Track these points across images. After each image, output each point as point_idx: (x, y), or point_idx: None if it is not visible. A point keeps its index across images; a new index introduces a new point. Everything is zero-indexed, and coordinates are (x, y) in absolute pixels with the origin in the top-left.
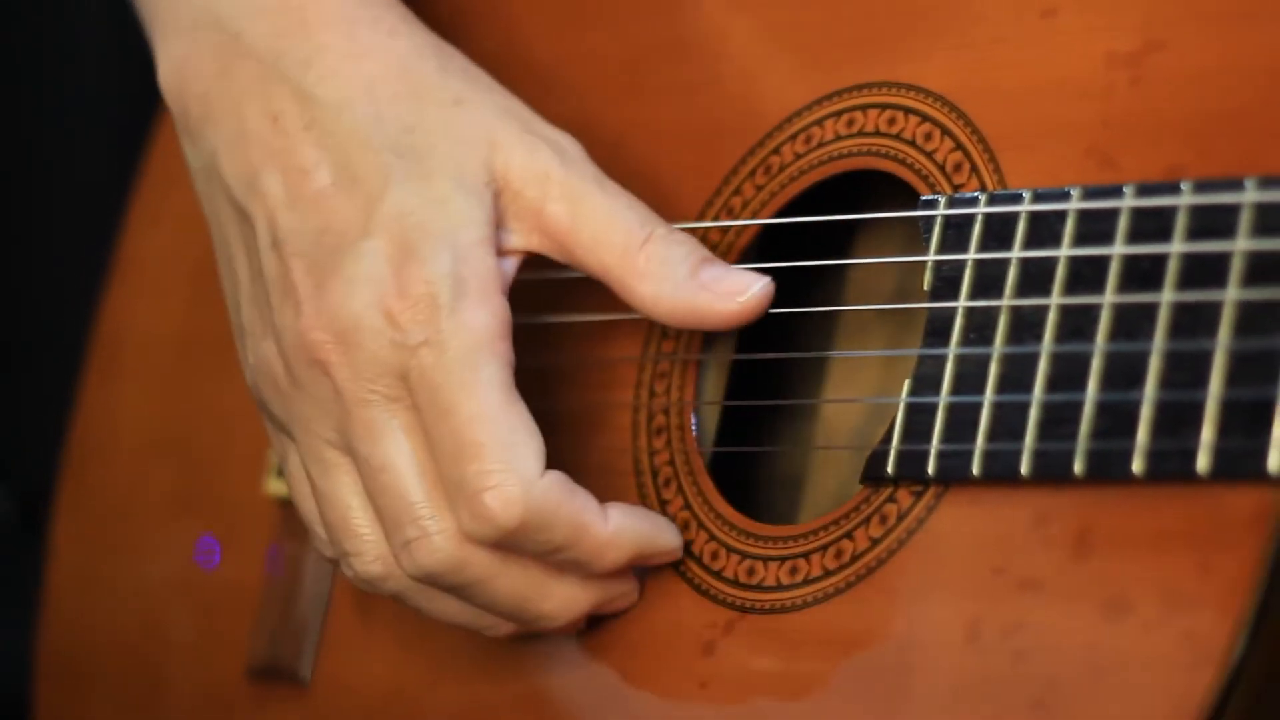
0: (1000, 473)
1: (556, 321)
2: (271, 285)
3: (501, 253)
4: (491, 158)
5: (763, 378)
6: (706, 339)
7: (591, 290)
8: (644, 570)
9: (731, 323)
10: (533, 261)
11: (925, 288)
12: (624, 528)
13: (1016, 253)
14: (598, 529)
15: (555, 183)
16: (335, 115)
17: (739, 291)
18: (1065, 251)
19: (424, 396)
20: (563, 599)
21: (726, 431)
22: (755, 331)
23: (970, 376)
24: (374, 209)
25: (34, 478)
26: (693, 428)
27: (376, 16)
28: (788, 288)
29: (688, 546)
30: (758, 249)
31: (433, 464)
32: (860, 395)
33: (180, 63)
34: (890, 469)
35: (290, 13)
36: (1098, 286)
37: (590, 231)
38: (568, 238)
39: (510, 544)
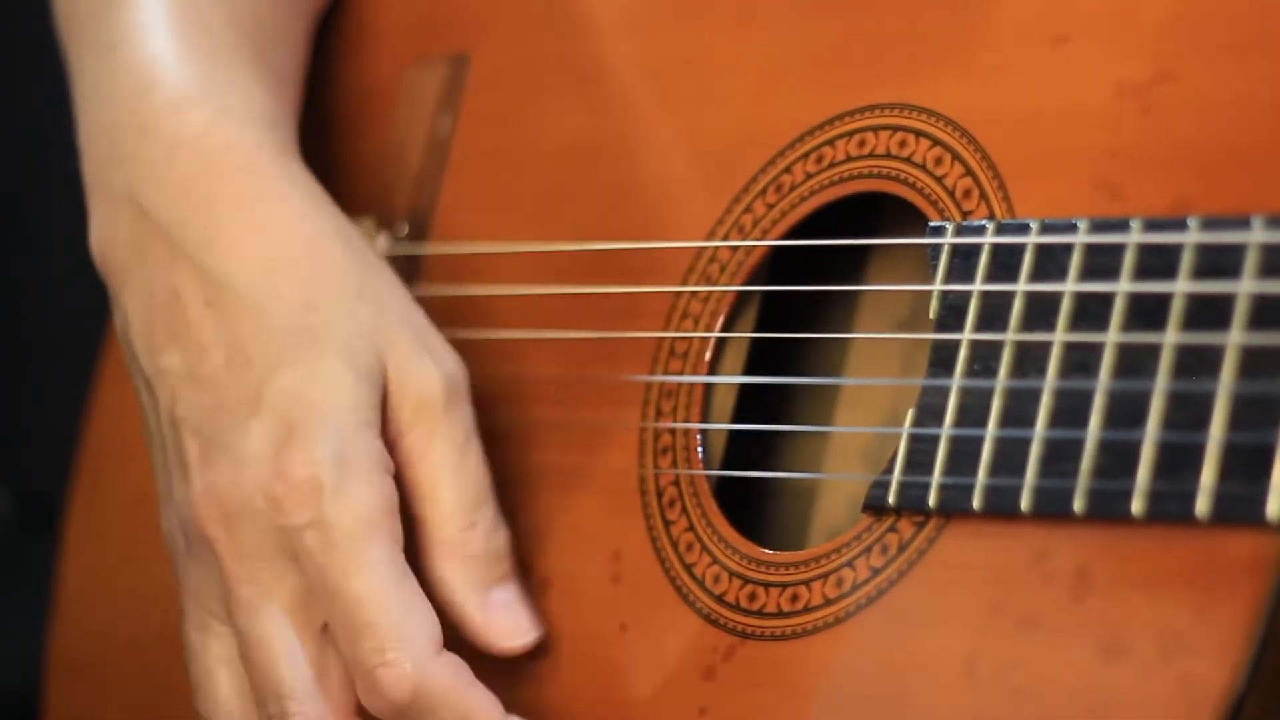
0: (1001, 507)
1: (564, 338)
2: (170, 458)
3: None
4: (384, 357)
5: (773, 395)
6: (714, 359)
7: (600, 308)
8: (647, 591)
9: (484, 649)
10: (533, 276)
11: (931, 316)
12: None
13: (1022, 285)
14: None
15: (427, 417)
16: (234, 295)
17: (504, 635)
18: (1070, 286)
19: (314, 577)
20: None
21: (735, 449)
22: (764, 350)
23: (973, 409)
24: (263, 388)
25: (34, 479)
26: (699, 449)
27: (283, 195)
28: (800, 307)
29: (690, 569)
30: (768, 268)
31: (310, 642)
32: (872, 415)
33: (103, 231)
34: (892, 499)
35: (195, 190)
36: (1102, 322)
37: (430, 483)
38: (406, 472)
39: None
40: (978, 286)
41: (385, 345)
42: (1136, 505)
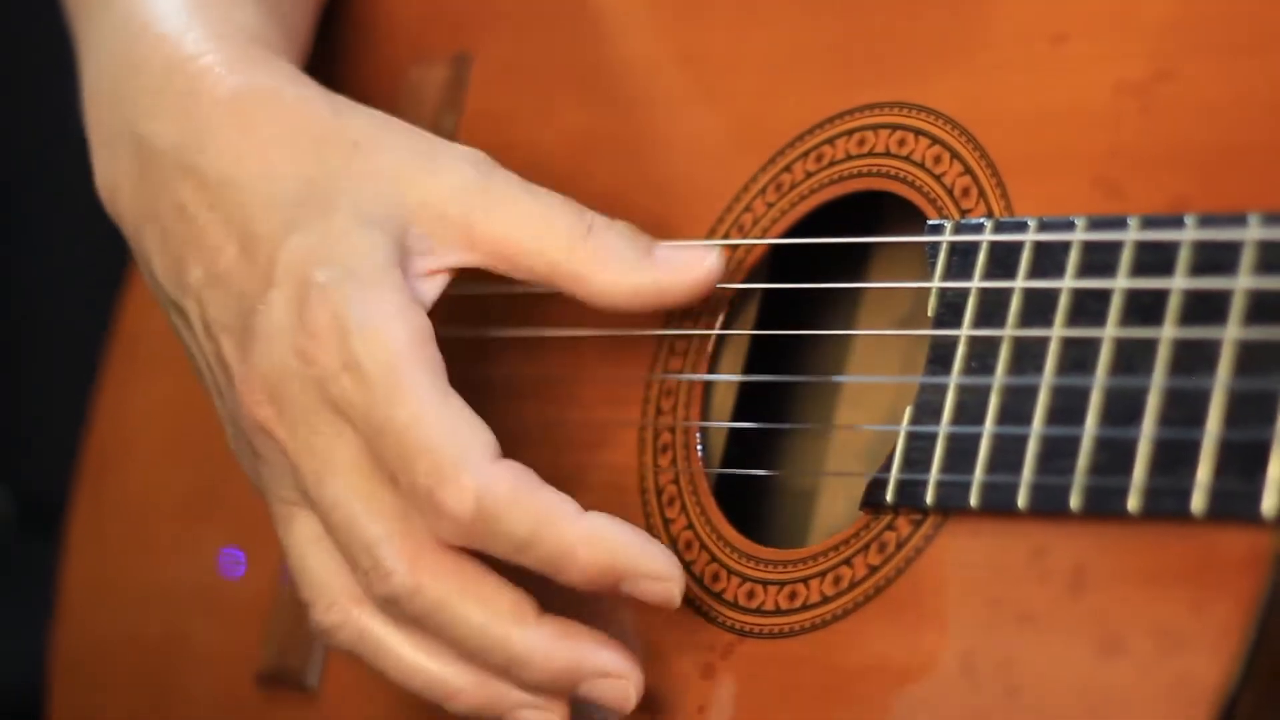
0: (998, 504)
1: (564, 336)
2: (215, 368)
3: (429, 273)
4: (398, 192)
5: (773, 393)
6: (714, 357)
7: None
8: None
9: (693, 294)
10: None
11: (930, 313)
12: (601, 531)
13: (1020, 282)
14: (566, 523)
15: (477, 194)
16: (234, 190)
17: (695, 262)
18: (1068, 283)
19: (359, 420)
20: (535, 640)
21: (736, 448)
22: (764, 349)
23: (971, 406)
24: (275, 261)
25: (34, 479)
26: (698, 447)
27: (262, 85)
28: (800, 306)
29: (689, 566)
30: (768, 266)
31: (385, 490)
32: (873, 415)
33: (108, 176)
34: (889, 497)
35: (182, 105)
36: (1100, 319)
37: (529, 233)
38: (505, 245)
39: (475, 541)
40: (976, 284)
41: (393, 181)
42: (1133, 502)
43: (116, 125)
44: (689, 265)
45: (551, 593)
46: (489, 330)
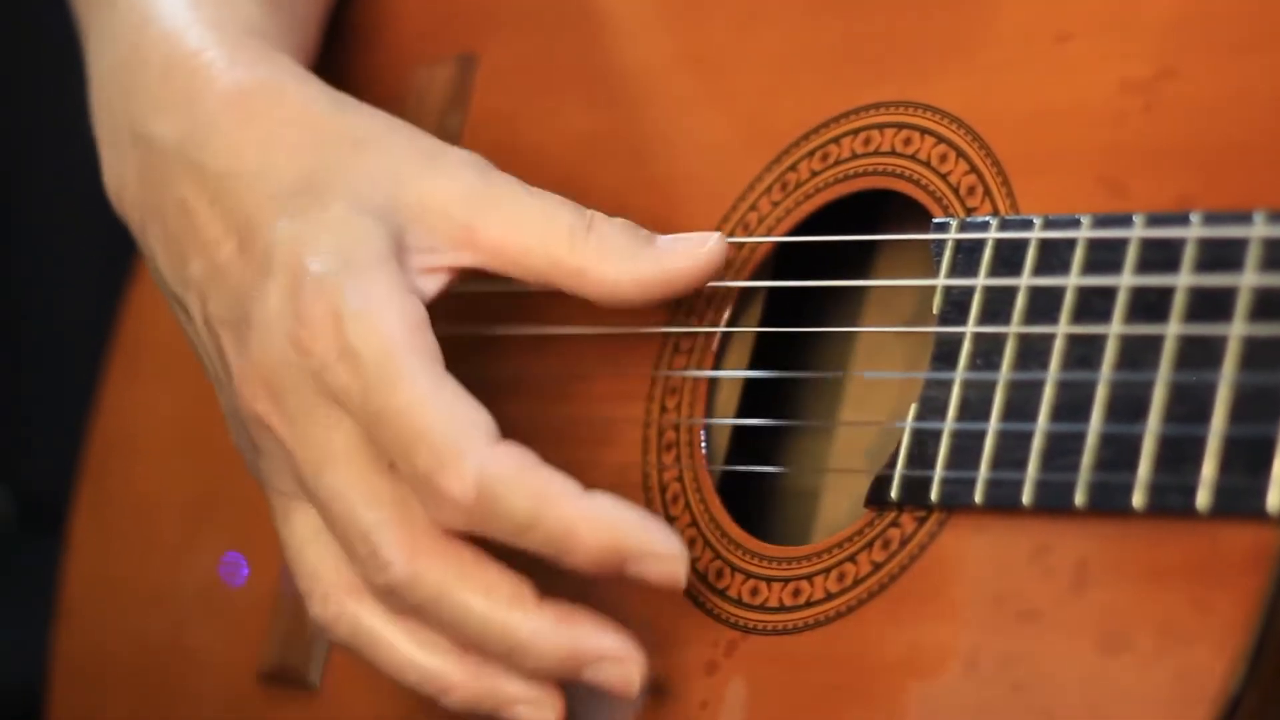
0: (1002, 501)
1: (568, 334)
2: (215, 362)
3: (428, 270)
4: (399, 192)
5: (778, 391)
6: (719, 355)
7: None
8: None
9: (698, 278)
10: None
11: (935, 311)
12: (604, 510)
13: (1025, 279)
14: (568, 502)
15: (479, 195)
16: (233, 182)
17: (698, 245)
18: (1074, 280)
19: (356, 408)
20: (536, 625)
21: (740, 447)
22: (769, 346)
23: (976, 403)
24: (270, 251)
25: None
26: (702, 445)
27: (263, 80)
28: (805, 304)
29: (693, 563)
30: (773, 265)
31: (382, 479)
32: (878, 412)
33: (115, 176)
34: (894, 494)
35: (183, 101)
36: (1105, 316)
37: (530, 232)
38: (507, 245)
39: (476, 525)
40: (981, 281)
41: (395, 181)
42: (1137, 498)
43: (121, 124)
44: (691, 249)
45: (554, 585)
46: (494, 328)
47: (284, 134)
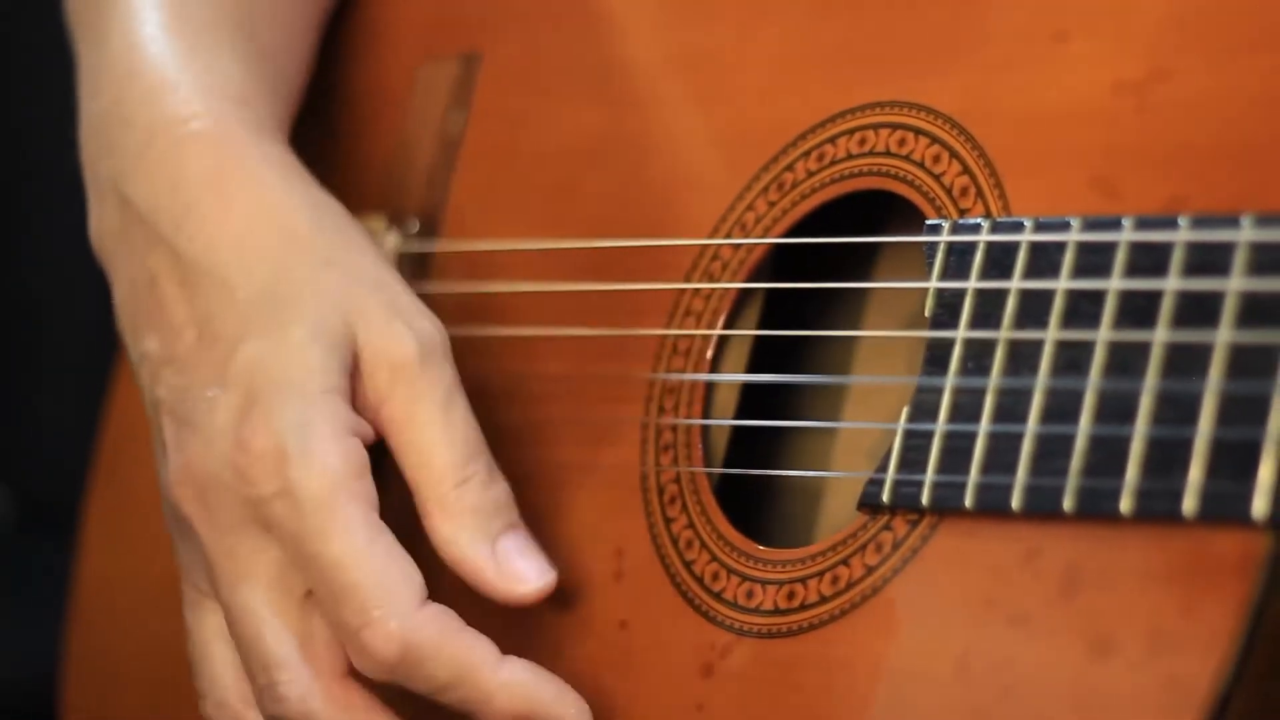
0: (992, 505)
1: (568, 335)
2: (156, 441)
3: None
4: (354, 325)
5: (776, 395)
6: (717, 357)
7: (604, 305)
8: (647, 588)
9: (503, 601)
10: (539, 274)
11: (926, 314)
12: (518, 680)
13: (1016, 283)
14: (486, 671)
15: (405, 380)
16: (203, 273)
17: (520, 581)
18: (1063, 284)
19: (288, 546)
20: None
21: (738, 450)
22: (768, 349)
23: (966, 407)
24: (229, 363)
25: (34, 479)
26: (700, 447)
27: (249, 171)
28: (806, 305)
29: (690, 565)
30: (770, 266)
31: (294, 611)
32: (878, 415)
33: (97, 221)
34: (886, 497)
35: (167, 173)
36: (1094, 320)
37: (416, 445)
38: (396, 439)
39: (395, 680)
40: (972, 284)
41: (355, 312)
42: (1125, 504)
43: (104, 176)
44: (513, 577)
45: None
46: (492, 329)
47: (259, 235)
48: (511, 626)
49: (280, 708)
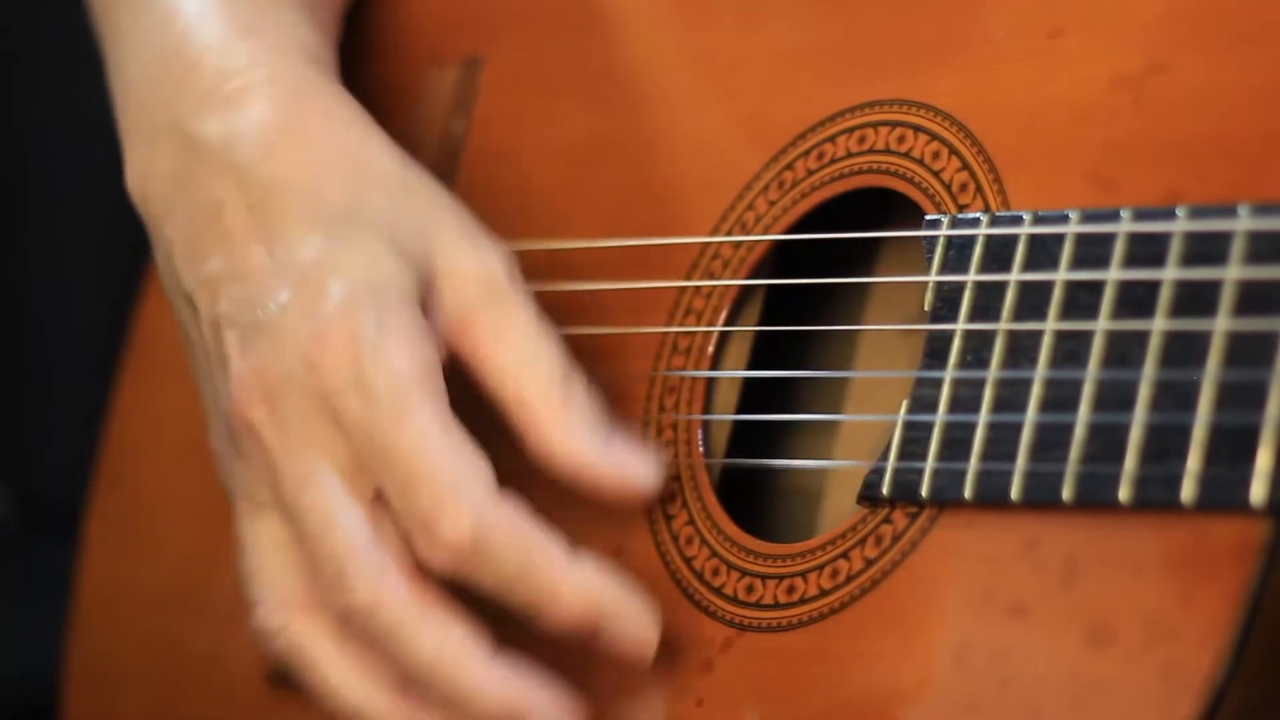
0: (991, 494)
1: (567, 334)
2: (213, 363)
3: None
4: (433, 249)
5: (777, 392)
6: (717, 355)
7: (604, 305)
8: (648, 583)
9: (619, 500)
10: (541, 274)
11: (926, 308)
12: (590, 578)
13: (1014, 275)
14: (557, 565)
15: (497, 295)
16: (277, 195)
17: (637, 474)
18: (1061, 275)
19: (359, 438)
20: (481, 680)
21: (739, 446)
22: (769, 347)
23: (966, 399)
24: (300, 265)
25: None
26: (700, 442)
27: (326, 111)
28: (807, 302)
29: (689, 561)
30: (771, 264)
31: (364, 507)
32: (881, 409)
33: (143, 167)
34: (885, 489)
35: (240, 107)
36: (1092, 311)
37: (516, 355)
38: (488, 353)
39: (463, 572)
40: (971, 277)
41: (435, 235)
42: (1124, 492)
43: (159, 120)
44: (632, 472)
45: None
46: None
47: (337, 165)
48: (512, 625)
49: (350, 598)
